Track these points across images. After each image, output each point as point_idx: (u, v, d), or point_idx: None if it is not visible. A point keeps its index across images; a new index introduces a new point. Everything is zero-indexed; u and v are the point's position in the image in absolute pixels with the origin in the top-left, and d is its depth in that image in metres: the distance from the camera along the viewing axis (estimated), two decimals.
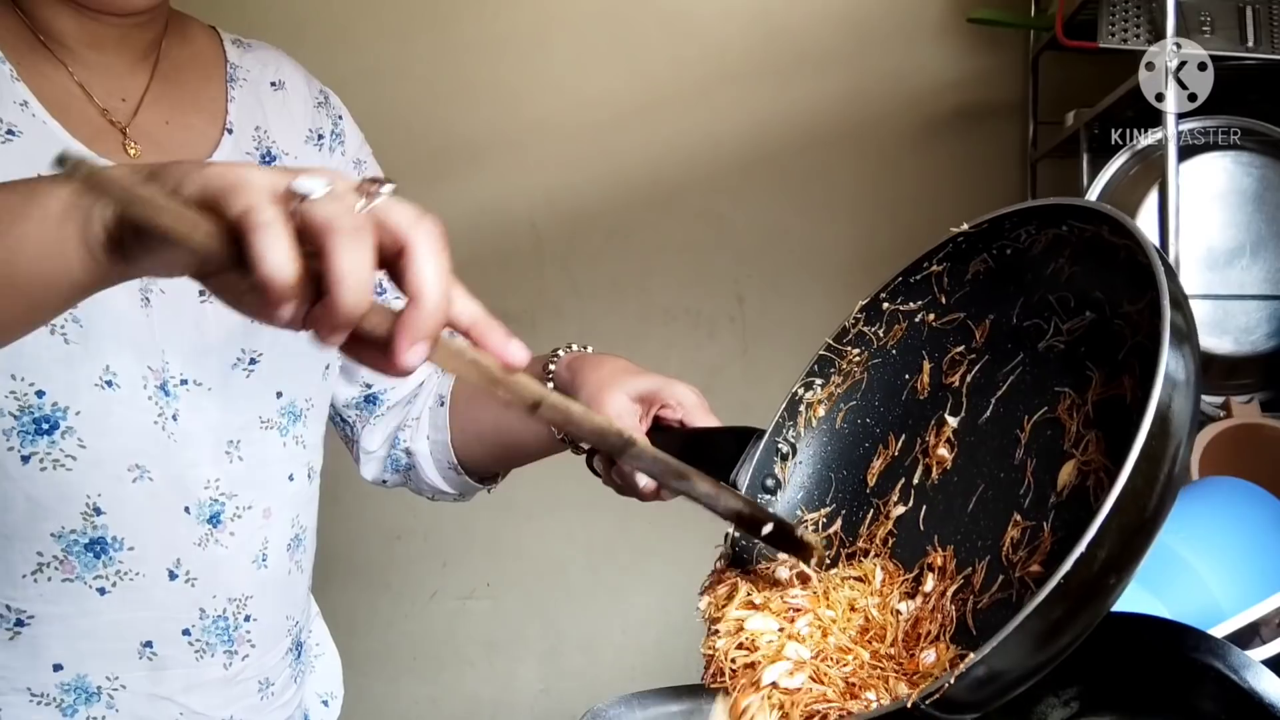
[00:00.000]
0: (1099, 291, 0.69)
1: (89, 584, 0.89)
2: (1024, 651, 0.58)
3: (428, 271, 0.53)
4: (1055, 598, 0.56)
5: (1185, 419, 0.59)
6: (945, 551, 0.72)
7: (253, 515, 0.96)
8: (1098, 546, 0.56)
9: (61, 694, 0.89)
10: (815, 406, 0.84)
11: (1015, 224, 0.74)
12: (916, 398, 0.80)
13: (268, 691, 0.99)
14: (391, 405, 1.11)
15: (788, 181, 2.09)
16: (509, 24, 2.13)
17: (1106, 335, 0.68)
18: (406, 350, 0.53)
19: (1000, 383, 0.75)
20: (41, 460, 0.87)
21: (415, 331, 0.53)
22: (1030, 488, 0.69)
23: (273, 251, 0.50)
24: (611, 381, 0.92)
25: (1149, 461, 0.57)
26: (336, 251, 0.51)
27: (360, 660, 2.09)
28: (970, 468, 0.74)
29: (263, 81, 1.03)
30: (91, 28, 0.92)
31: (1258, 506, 1.15)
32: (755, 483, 0.83)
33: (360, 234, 0.51)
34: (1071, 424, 0.68)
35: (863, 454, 0.82)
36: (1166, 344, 0.58)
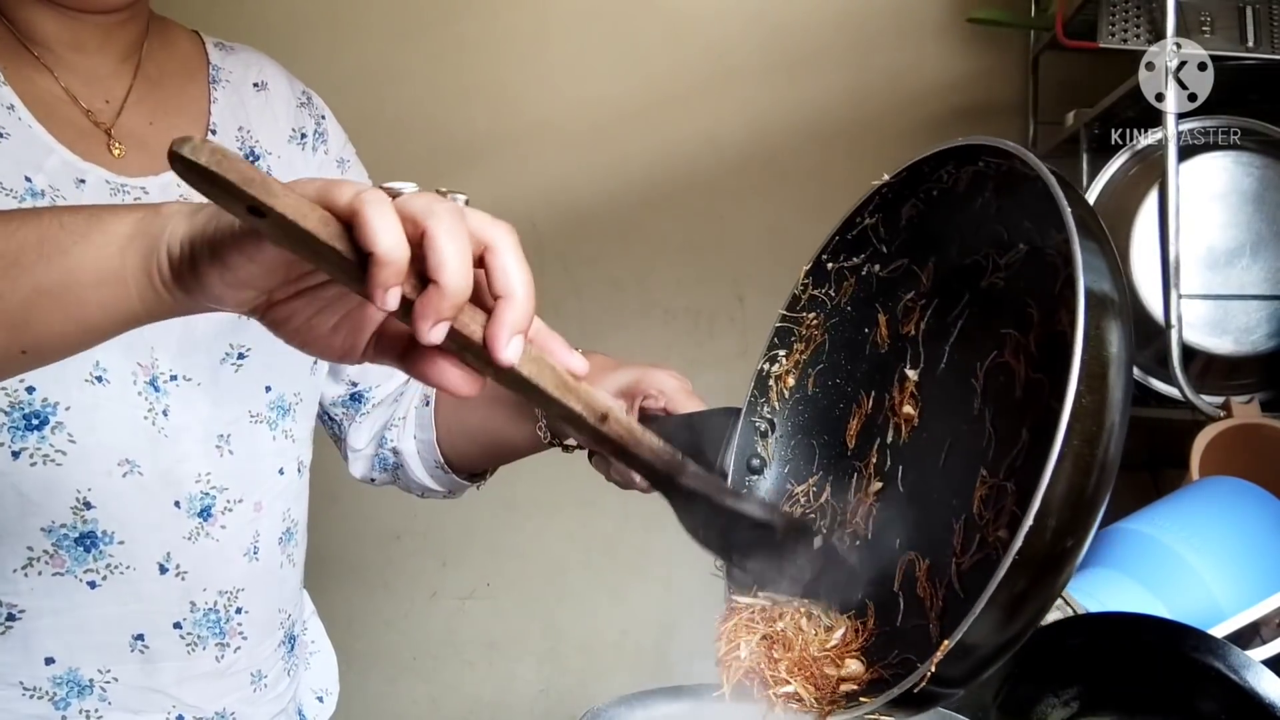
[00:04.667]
0: (1027, 221, 0.69)
1: (79, 578, 0.89)
2: (995, 625, 0.59)
3: (517, 269, 0.54)
4: (1014, 574, 0.56)
5: (1119, 366, 0.58)
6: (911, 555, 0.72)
7: (243, 509, 0.96)
8: (1045, 517, 0.56)
9: (54, 687, 0.89)
10: (784, 378, 0.84)
11: (934, 166, 0.75)
12: (879, 351, 0.81)
13: (260, 684, 0.99)
14: (377, 403, 1.12)
15: (788, 181, 2.09)
16: (509, 24, 2.13)
17: (1042, 266, 0.68)
18: (506, 344, 0.53)
19: (952, 327, 0.75)
20: (31, 456, 0.87)
21: (512, 325, 0.54)
22: (991, 440, 0.69)
23: (386, 228, 0.50)
24: (592, 379, 0.92)
25: (1085, 420, 0.57)
26: (440, 237, 0.51)
27: (360, 660, 2.09)
28: (936, 421, 0.75)
29: (245, 83, 1.04)
30: (73, 29, 0.93)
31: (1258, 506, 1.15)
32: (741, 465, 0.83)
33: (458, 222, 0.52)
34: (1020, 368, 0.68)
35: (839, 415, 0.82)
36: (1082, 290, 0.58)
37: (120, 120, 0.95)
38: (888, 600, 0.72)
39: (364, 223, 0.51)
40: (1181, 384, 1.43)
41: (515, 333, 0.54)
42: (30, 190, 0.88)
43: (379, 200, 0.51)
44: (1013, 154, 0.67)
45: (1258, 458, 1.36)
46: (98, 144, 0.93)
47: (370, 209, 0.51)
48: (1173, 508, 1.17)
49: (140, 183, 0.94)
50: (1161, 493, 1.26)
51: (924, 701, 0.63)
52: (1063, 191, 0.62)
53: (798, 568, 0.73)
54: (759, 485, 0.84)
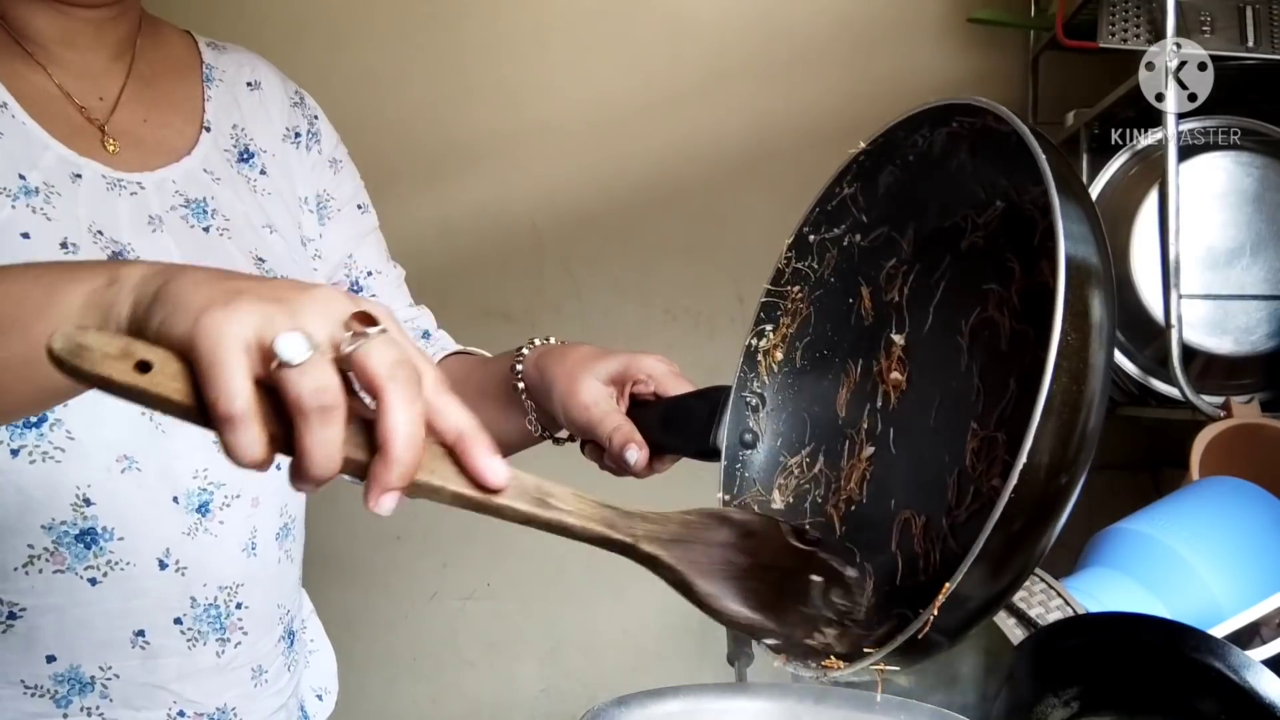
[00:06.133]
0: (1003, 179, 0.70)
1: (80, 575, 0.89)
2: (993, 568, 0.59)
3: (395, 425, 0.53)
4: (1011, 513, 0.57)
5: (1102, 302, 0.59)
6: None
7: (241, 504, 0.96)
8: (1038, 454, 0.57)
9: (55, 685, 0.89)
10: (772, 352, 0.85)
11: (909, 130, 0.75)
12: (864, 320, 0.81)
13: (261, 679, 0.99)
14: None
15: (788, 182, 2.09)
16: (510, 24, 2.13)
17: (1021, 221, 0.68)
18: (375, 501, 0.54)
19: (935, 289, 0.75)
20: (30, 453, 0.87)
21: (382, 484, 0.54)
22: (980, 393, 0.69)
23: (241, 443, 0.51)
24: (580, 370, 0.92)
25: (1071, 357, 0.57)
26: (304, 432, 0.52)
27: (360, 660, 2.09)
28: (925, 381, 0.75)
29: (239, 82, 1.05)
30: (65, 24, 0.93)
31: (1258, 506, 1.15)
32: (733, 440, 0.84)
33: (329, 415, 0.52)
34: (1004, 321, 0.69)
35: (828, 386, 0.82)
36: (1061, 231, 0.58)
37: (114, 117, 0.96)
38: (886, 561, 0.72)
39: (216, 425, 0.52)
40: (1181, 384, 1.43)
41: (384, 491, 0.54)
42: (24, 188, 0.88)
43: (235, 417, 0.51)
44: (985, 109, 0.67)
45: (1258, 458, 1.36)
46: (92, 140, 0.93)
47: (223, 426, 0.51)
48: (1173, 508, 1.17)
49: (136, 178, 0.94)
50: (1161, 493, 1.26)
51: (925, 650, 0.63)
52: (1037, 141, 0.62)
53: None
54: (753, 459, 0.84)
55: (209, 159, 1.00)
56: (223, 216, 0.98)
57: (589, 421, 0.90)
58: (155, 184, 0.95)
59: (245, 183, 1.01)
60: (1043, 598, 1.02)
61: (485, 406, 1.05)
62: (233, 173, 1.01)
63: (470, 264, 2.09)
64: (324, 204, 1.08)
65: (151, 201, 0.95)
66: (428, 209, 2.09)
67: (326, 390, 0.52)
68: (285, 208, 1.04)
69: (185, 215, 0.96)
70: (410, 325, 1.14)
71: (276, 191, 1.03)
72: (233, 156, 1.02)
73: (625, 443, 0.86)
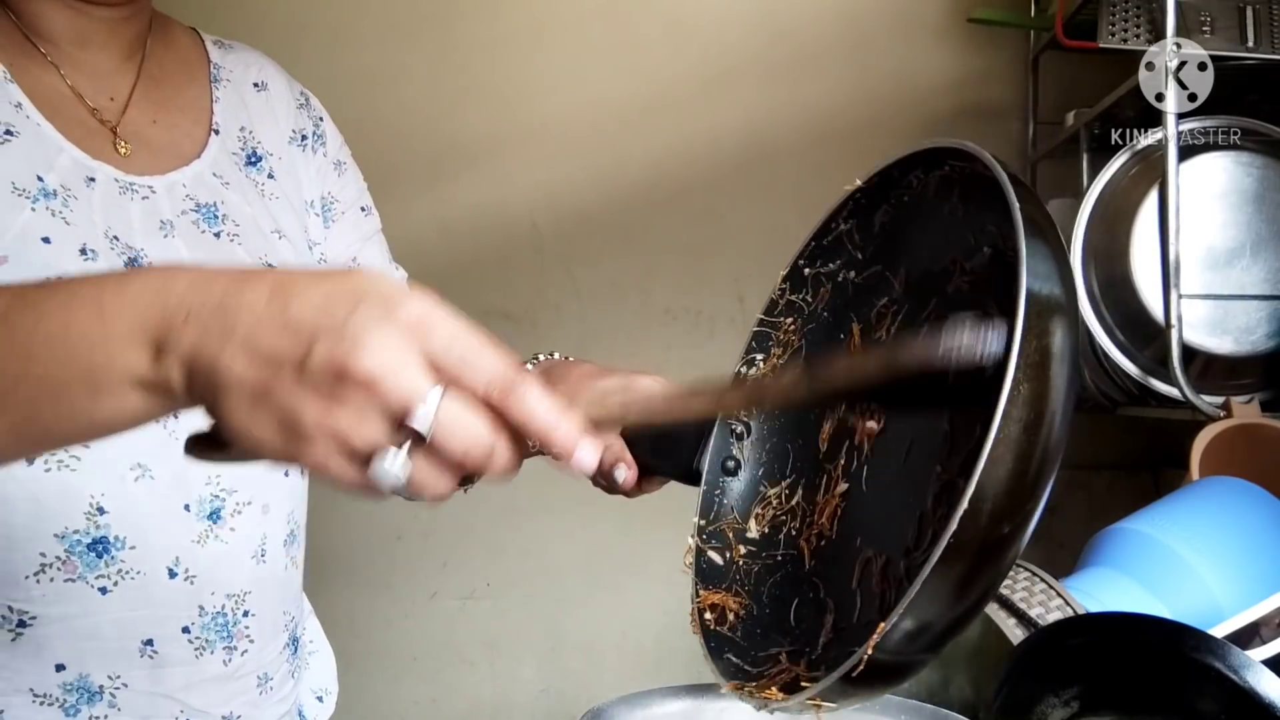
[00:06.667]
0: (991, 225, 0.69)
1: (91, 584, 0.89)
2: (933, 609, 0.59)
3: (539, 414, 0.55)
4: (950, 558, 0.57)
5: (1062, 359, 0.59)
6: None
7: (252, 511, 0.96)
8: (980, 501, 0.56)
9: (64, 694, 0.89)
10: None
11: (904, 170, 0.75)
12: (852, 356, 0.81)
13: (266, 687, 0.99)
14: None
15: (788, 181, 2.09)
16: (510, 24, 2.13)
17: (1003, 268, 0.68)
18: (574, 462, 0.56)
19: (920, 331, 0.75)
20: (46, 461, 0.87)
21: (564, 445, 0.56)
22: (947, 437, 0.69)
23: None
24: (579, 389, 0.93)
25: (1022, 406, 0.57)
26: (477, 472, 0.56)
27: (360, 660, 2.09)
28: (900, 422, 0.75)
29: (245, 82, 1.05)
30: (78, 24, 0.93)
31: (1258, 506, 1.15)
32: (715, 466, 0.84)
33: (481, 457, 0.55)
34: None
35: (813, 420, 0.82)
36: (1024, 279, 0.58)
37: (125, 118, 0.95)
38: (846, 598, 0.73)
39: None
40: (1181, 384, 1.43)
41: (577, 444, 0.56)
42: (43, 190, 0.88)
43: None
44: (975, 156, 0.67)
45: (1258, 458, 1.36)
46: (104, 142, 0.93)
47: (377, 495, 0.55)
48: (1173, 508, 1.17)
49: (147, 181, 0.94)
50: (1161, 493, 1.26)
51: (867, 686, 0.63)
52: (1014, 190, 0.62)
53: None
54: (732, 486, 0.84)
55: (218, 162, 1.00)
56: (232, 221, 0.98)
57: None
58: (165, 188, 0.95)
59: (253, 186, 1.01)
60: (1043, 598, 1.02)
61: None
62: (241, 176, 1.01)
63: (470, 264, 2.09)
64: (329, 206, 1.08)
65: (163, 206, 0.94)
66: (427, 209, 2.09)
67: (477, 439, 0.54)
68: (292, 211, 1.04)
69: (196, 220, 0.96)
70: None
71: (284, 195, 1.03)
72: (240, 160, 1.02)
73: (615, 461, 0.87)
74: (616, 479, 0.87)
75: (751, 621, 0.77)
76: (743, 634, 0.76)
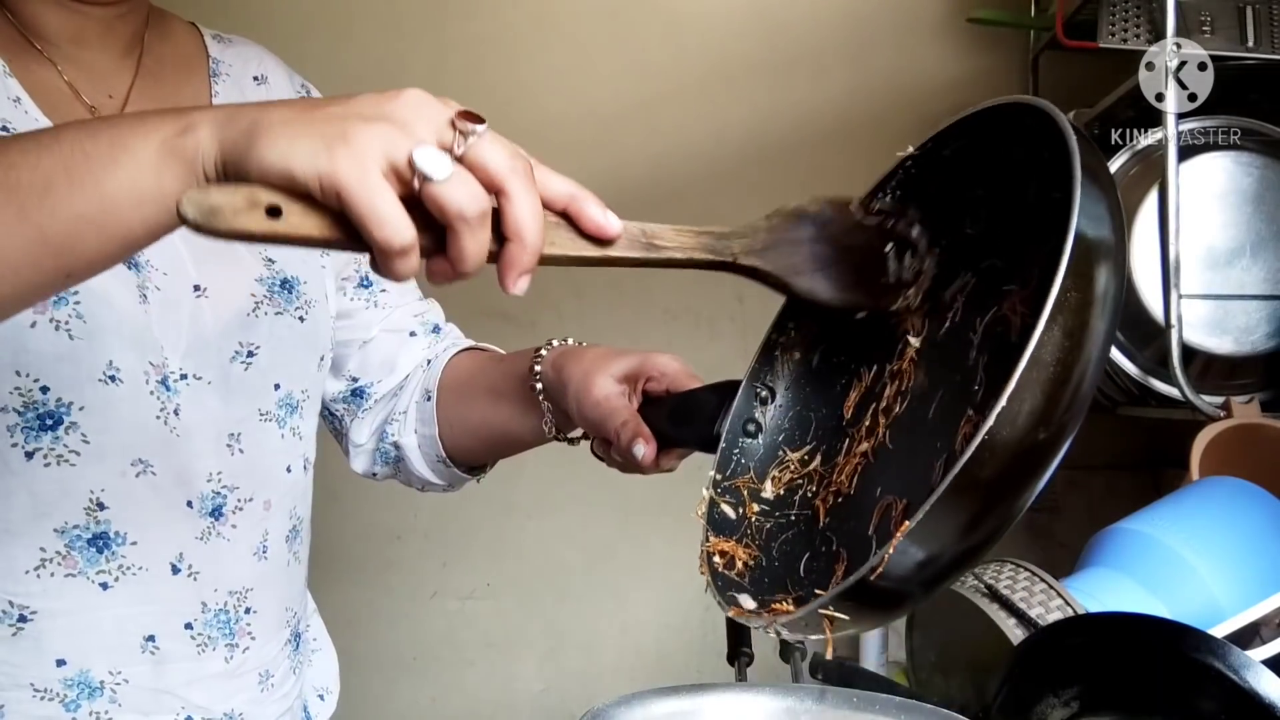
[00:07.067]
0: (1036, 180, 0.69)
1: (92, 579, 0.89)
2: (960, 518, 0.58)
3: (525, 213, 0.60)
4: (982, 456, 0.56)
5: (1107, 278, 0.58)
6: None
7: (253, 507, 0.96)
8: (1019, 399, 0.56)
9: (64, 689, 0.89)
10: (791, 350, 0.85)
11: (954, 138, 0.75)
12: (886, 325, 0.80)
13: (268, 683, 0.99)
14: (378, 398, 1.12)
15: (788, 181, 2.09)
16: (509, 23, 2.13)
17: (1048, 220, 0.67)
18: (514, 282, 0.61)
19: (958, 295, 0.75)
20: (45, 456, 0.87)
21: (519, 267, 0.60)
22: (982, 384, 0.69)
23: (404, 267, 0.58)
24: (595, 369, 0.93)
25: (1068, 314, 0.57)
26: (462, 237, 0.58)
27: (360, 660, 2.09)
28: (930, 379, 0.75)
29: (245, 76, 1.04)
30: (76, 22, 0.93)
31: (1258, 506, 1.15)
32: (736, 428, 0.84)
33: (482, 219, 0.58)
34: (1016, 318, 0.68)
35: (839, 390, 0.82)
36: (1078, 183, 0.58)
37: None
38: (860, 545, 0.72)
39: (370, 242, 0.56)
40: (1181, 384, 1.43)
41: (521, 273, 0.60)
42: None
43: (400, 247, 0.56)
44: (1030, 106, 0.67)
45: (1258, 458, 1.36)
46: None
47: (393, 259, 0.57)
48: (1173, 508, 1.17)
49: None
50: (1161, 493, 1.26)
51: (882, 599, 0.62)
52: (1075, 136, 0.62)
53: None
54: (752, 447, 0.84)
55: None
56: None
57: (599, 417, 0.90)
58: None
59: None
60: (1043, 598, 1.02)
61: (499, 405, 1.05)
62: None
63: None
64: None
65: None
66: None
67: (478, 197, 0.58)
68: None
69: None
70: (420, 319, 1.14)
71: None
72: None
73: (633, 437, 0.87)
74: (635, 454, 0.87)
75: (760, 572, 0.77)
76: (750, 581, 0.76)
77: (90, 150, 0.61)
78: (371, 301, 1.11)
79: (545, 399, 0.99)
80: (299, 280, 1.00)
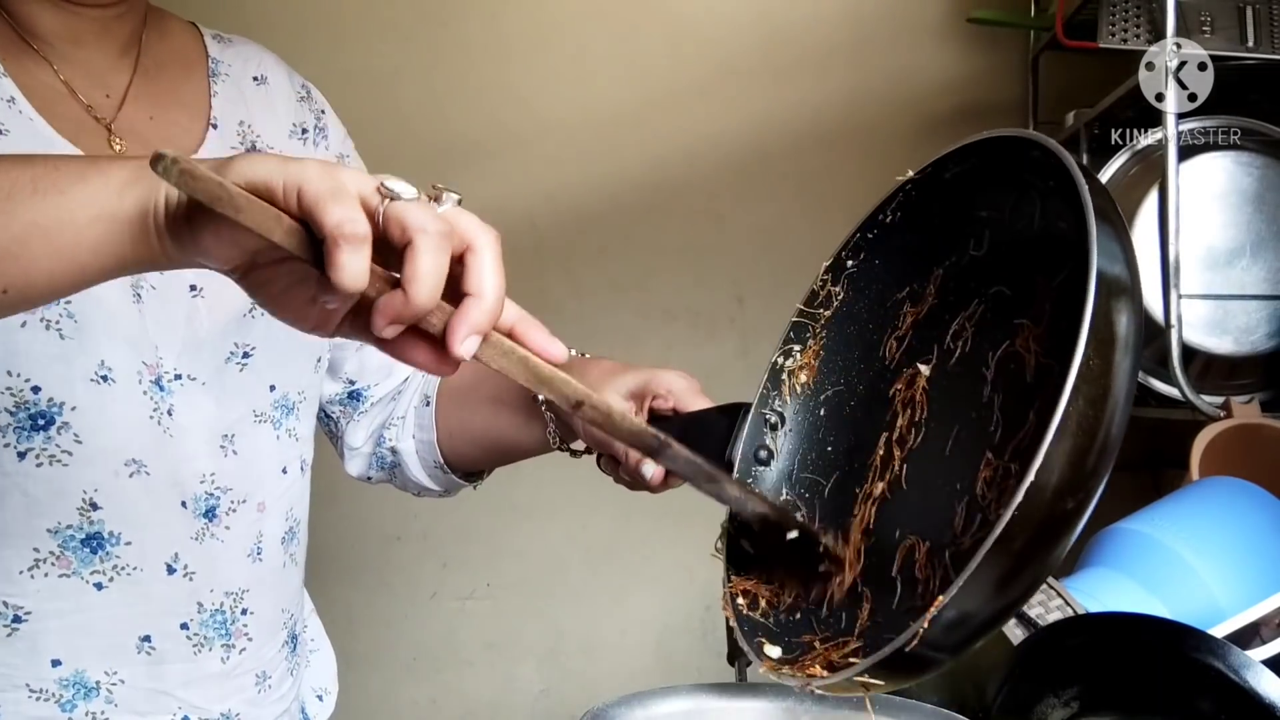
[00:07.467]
0: (1040, 213, 0.69)
1: (86, 579, 0.89)
2: (991, 586, 0.59)
3: (490, 272, 0.58)
4: (1013, 530, 0.56)
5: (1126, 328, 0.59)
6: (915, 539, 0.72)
7: (248, 509, 0.96)
8: (1047, 473, 0.56)
9: (60, 689, 0.89)
10: (797, 373, 0.84)
11: (955, 163, 0.74)
12: (894, 349, 0.80)
13: (265, 684, 0.99)
14: (375, 401, 1.12)
15: (788, 181, 2.09)
16: (510, 24, 2.13)
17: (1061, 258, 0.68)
18: (461, 341, 0.57)
19: (968, 321, 0.75)
20: (38, 456, 0.87)
21: (472, 324, 0.57)
22: (999, 424, 0.69)
23: (353, 264, 0.54)
24: (601, 385, 0.92)
25: (1091, 383, 0.57)
26: (422, 253, 0.55)
27: (359, 661, 2.09)
28: (945, 412, 0.75)
29: (245, 76, 1.04)
30: (72, 22, 0.93)
31: (1258, 506, 1.15)
32: (748, 455, 0.83)
33: (443, 237, 0.56)
34: (1030, 356, 0.68)
35: (850, 412, 0.82)
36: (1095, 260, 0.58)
37: (121, 115, 0.95)
38: (885, 587, 0.72)
39: (332, 255, 0.55)
40: (1181, 384, 1.43)
41: (473, 331, 0.57)
42: None
43: (354, 237, 0.54)
44: (1031, 141, 0.67)
45: (1258, 458, 1.36)
46: (99, 139, 0.92)
47: (341, 248, 0.54)
48: (1173, 508, 1.17)
49: None
50: (1161, 493, 1.26)
51: (916, 665, 0.63)
52: (1083, 177, 0.62)
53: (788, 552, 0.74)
54: (765, 476, 0.83)
55: (215, 157, 0.99)
56: None
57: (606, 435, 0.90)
58: None
59: None
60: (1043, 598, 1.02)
61: (501, 413, 1.04)
62: None
63: None
64: None
65: None
66: None
67: (438, 217, 0.56)
68: None
69: None
70: None
71: None
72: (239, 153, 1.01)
73: (641, 457, 0.86)
74: (644, 474, 0.87)
75: (785, 611, 0.77)
76: (774, 621, 0.76)
77: (63, 167, 0.62)
78: None
79: (549, 410, 0.99)
80: None
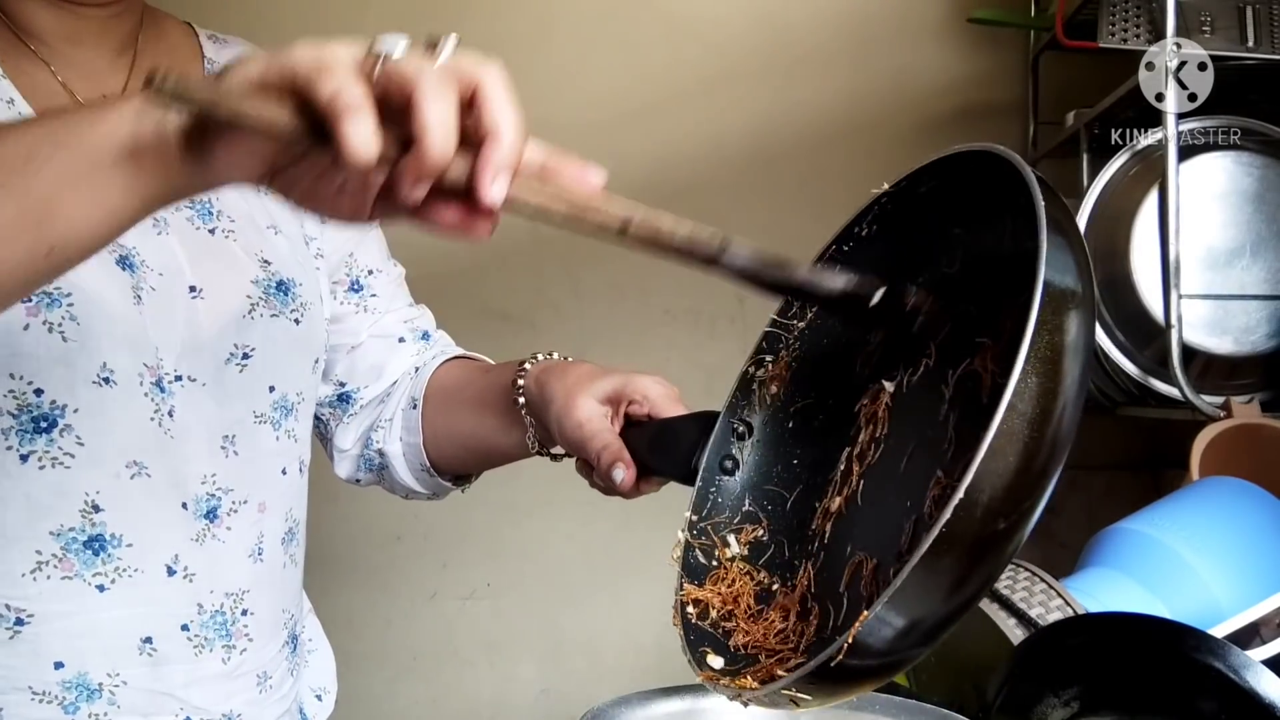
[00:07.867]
0: (1009, 230, 0.69)
1: (88, 581, 0.89)
2: (919, 603, 0.58)
3: (502, 107, 0.55)
4: (939, 551, 0.55)
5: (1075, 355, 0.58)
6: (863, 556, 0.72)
7: (248, 510, 0.96)
8: (976, 492, 0.55)
9: (63, 692, 0.89)
10: (769, 384, 0.84)
11: (930, 177, 0.74)
12: (864, 364, 0.80)
13: (266, 685, 0.99)
14: (364, 404, 1.12)
15: (788, 181, 2.09)
16: (509, 25, 2.13)
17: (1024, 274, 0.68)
18: (490, 184, 0.54)
19: (930, 341, 0.75)
20: (40, 459, 0.87)
21: (496, 165, 0.55)
22: (951, 443, 0.68)
23: (358, 133, 0.52)
24: (578, 388, 0.92)
25: (1028, 400, 0.56)
26: (424, 103, 0.53)
27: (359, 660, 2.09)
28: (904, 429, 0.74)
29: None
30: (69, 22, 0.93)
31: (1258, 506, 1.15)
32: (713, 464, 0.83)
33: (445, 82, 0.54)
34: (988, 374, 0.68)
35: (817, 426, 0.82)
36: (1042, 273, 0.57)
37: None
38: (833, 603, 0.72)
39: (336, 133, 0.52)
40: (1181, 384, 1.43)
41: (500, 171, 0.55)
42: None
43: (352, 107, 0.52)
44: (1000, 157, 0.66)
45: (1258, 458, 1.36)
46: None
47: (342, 121, 0.52)
48: (1173, 508, 1.17)
49: None
50: (1161, 493, 1.26)
51: (844, 680, 0.62)
52: (1040, 190, 0.61)
53: None
54: (728, 485, 0.83)
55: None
56: (228, 218, 0.98)
57: (580, 439, 0.90)
58: None
59: None
60: (1043, 598, 1.02)
61: (484, 417, 1.05)
62: None
63: (469, 263, 2.09)
64: None
65: None
66: None
67: (435, 63, 0.55)
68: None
69: (190, 216, 0.96)
70: (410, 325, 1.14)
71: None
72: None
73: (613, 462, 0.87)
74: (615, 479, 0.87)
75: (734, 621, 0.77)
76: (723, 633, 0.76)
77: (74, 117, 0.61)
78: (361, 306, 1.11)
79: (528, 414, 0.99)
80: (295, 282, 1.00)
